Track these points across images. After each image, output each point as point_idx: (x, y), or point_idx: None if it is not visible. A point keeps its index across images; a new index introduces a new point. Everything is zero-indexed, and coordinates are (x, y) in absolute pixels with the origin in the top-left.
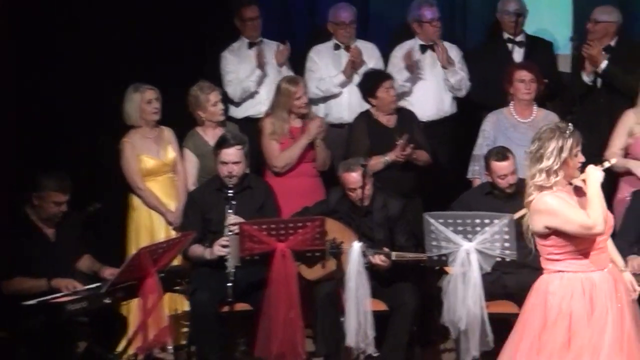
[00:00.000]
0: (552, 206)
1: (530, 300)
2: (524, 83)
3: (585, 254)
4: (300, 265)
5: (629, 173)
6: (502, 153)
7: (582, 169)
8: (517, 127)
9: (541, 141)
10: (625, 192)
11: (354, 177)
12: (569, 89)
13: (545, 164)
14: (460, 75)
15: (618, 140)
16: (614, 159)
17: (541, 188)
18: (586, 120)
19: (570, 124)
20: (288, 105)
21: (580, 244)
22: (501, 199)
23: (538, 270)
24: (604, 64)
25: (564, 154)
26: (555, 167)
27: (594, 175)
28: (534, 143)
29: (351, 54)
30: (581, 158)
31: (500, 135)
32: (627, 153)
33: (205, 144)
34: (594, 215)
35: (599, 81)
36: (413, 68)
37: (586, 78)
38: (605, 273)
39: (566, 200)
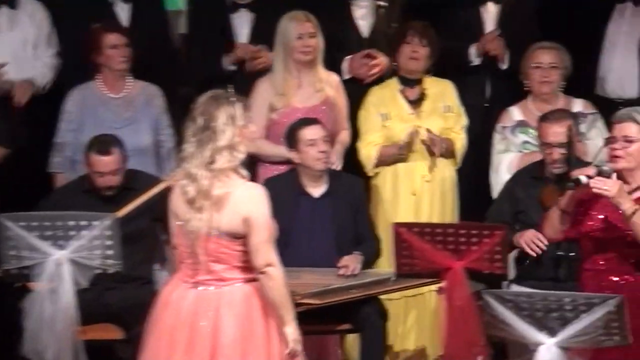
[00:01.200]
0: (261, 198)
1: (239, 322)
2: (116, 49)
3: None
4: None
5: (264, 161)
6: (105, 144)
7: None
8: (109, 105)
9: (206, 114)
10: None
11: None
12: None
13: (224, 139)
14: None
15: (259, 118)
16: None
17: (226, 172)
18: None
19: (229, 88)
20: None
21: None
22: (104, 198)
23: (149, 285)
24: None
25: (240, 122)
26: (237, 140)
27: None
28: (196, 121)
29: None
30: (253, 127)
31: (88, 117)
32: (267, 132)
33: None
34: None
35: None
36: None
37: None
38: None
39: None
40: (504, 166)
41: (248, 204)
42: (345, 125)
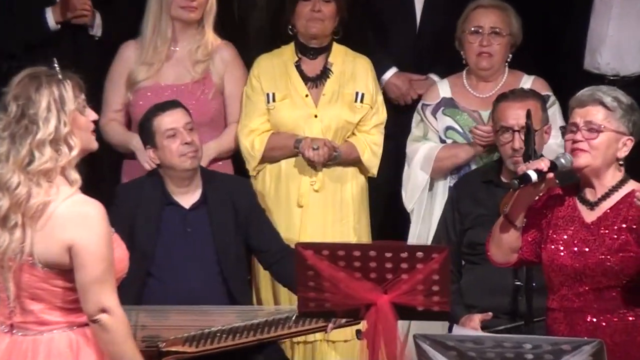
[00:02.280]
0: (94, 218)
1: None
2: None
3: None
4: None
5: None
6: None
7: None
8: None
9: (22, 99)
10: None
11: None
12: None
13: (46, 130)
14: None
15: (117, 94)
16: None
17: (48, 175)
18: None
19: (54, 62)
20: None
21: None
22: None
23: None
24: None
25: (70, 106)
26: (65, 131)
27: None
28: (8, 109)
29: None
30: (93, 115)
31: None
32: (126, 113)
33: None
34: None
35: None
36: None
37: None
38: None
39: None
40: (417, 160)
41: (73, 226)
42: (236, 116)
